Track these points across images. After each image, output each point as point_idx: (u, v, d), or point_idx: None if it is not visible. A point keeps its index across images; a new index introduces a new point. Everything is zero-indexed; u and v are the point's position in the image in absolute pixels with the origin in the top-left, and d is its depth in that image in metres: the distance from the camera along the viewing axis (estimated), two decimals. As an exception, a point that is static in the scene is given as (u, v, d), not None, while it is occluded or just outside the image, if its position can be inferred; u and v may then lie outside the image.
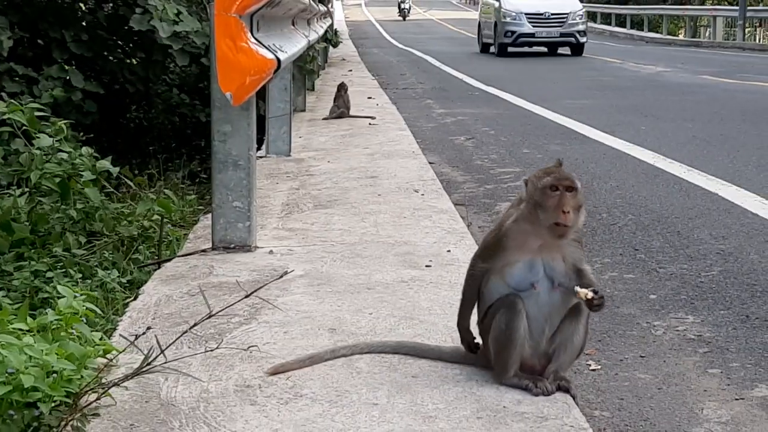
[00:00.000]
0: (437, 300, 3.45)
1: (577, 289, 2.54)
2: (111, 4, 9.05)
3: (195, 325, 2.60)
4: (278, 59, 4.04)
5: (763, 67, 19.52)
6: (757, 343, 3.38)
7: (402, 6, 52.47)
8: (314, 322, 3.19)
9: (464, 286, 2.75)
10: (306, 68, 9.87)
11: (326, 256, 4.11)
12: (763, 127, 9.34)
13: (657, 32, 39.74)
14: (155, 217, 5.21)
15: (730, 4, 42.19)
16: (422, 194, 5.55)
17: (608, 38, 37.97)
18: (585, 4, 48.61)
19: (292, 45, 5.52)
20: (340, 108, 9.59)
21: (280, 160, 6.83)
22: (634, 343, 3.44)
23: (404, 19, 50.47)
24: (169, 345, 2.65)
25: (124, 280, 4.53)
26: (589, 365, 3.23)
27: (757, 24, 36.94)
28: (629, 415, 2.86)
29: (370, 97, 12.07)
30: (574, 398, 2.59)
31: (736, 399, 2.93)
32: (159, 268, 4.10)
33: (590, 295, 2.51)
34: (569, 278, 2.60)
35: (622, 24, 42.47)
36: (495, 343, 2.63)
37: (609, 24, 43.68)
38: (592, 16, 47.28)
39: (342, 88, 9.67)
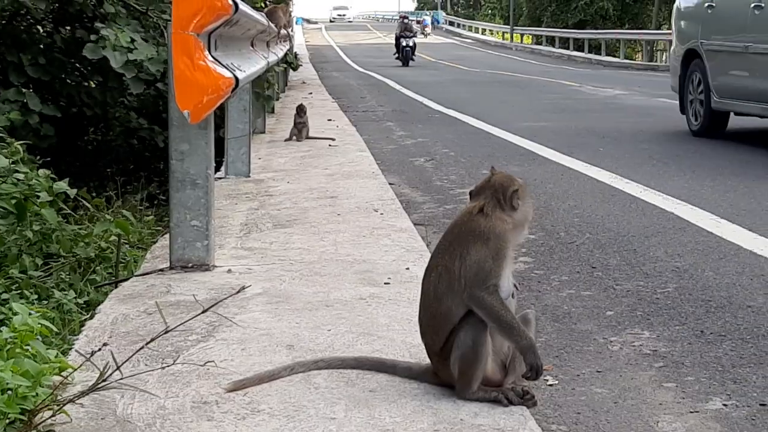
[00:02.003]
0: (396, 316, 3.46)
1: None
2: (68, 28, 9.03)
3: (152, 340, 2.59)
4: (236, 78, 4.04)
5: (718, 90, 19.76)
6: (712, 358, 3.42)
7: (404, 44, 33.62)
8: (272, 339, 3.19)
9: (498, 313, 2.59)
10: (263, 95, 9.88)
11: (285, 274, 4.11)
12: (718, 147, 9.47)
13: (614, 56, 40.23)
14: (112, 238, 5.19)
15: (686, 28, 42.69)
16: (382, 214, 5.57)
17: (566, 62, 38.34)
18: (543, 29, 49.45)
19: (250, 65, 5.54)
20: (300, 130, 9.61)
21: (240, 181, 6.83)
22: (591, 359, 3.46)
23: (407, 65, 32.88)
24: (125, 361, 2.63)
25: (81, 301, 4.51)
26: (547, 380, 3.25)
27: (713, 48, 37.34)
28: (586, 428, 2.87)
29: (330, 120, 12.10)
30: (532, 404, 2.63)
31: (691, 412, 2.96)
32: (116, 287, 4.08)
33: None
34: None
35: (580, 48, 42.94)
36: (461, 360, 2.63)
37: (567, 48, 44.16)
38: (550, 41, 47.89)
39: (302, 110, 9.69)
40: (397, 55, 34.61)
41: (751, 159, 8.57)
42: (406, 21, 35.45)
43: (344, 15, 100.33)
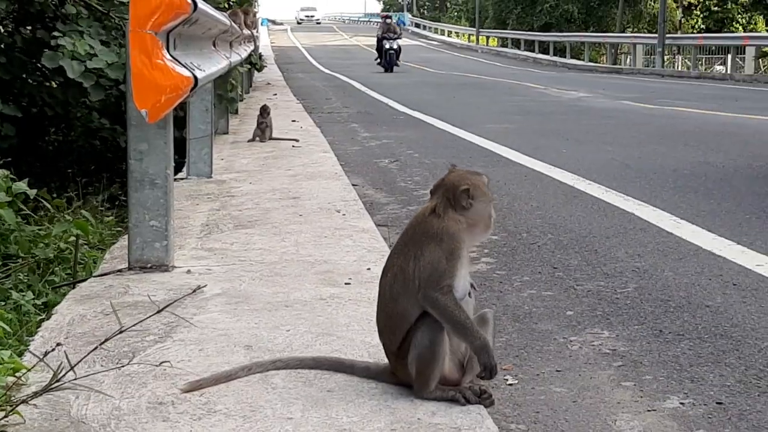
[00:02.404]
0: (356, 316, 3.45)
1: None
2: (29, 28, 8.93)
3: (106, 340, 2.56)
4: (195, 77, 4.02)
5: (680, 93, 19.97)
6: (669, 357, 3.44)
7: (387, 47, 29.62)
8: (230, 340, 3.17)
9: (452, 314, 2.57)
10: (226, 97, 9.83)
11: (245, 275, 4.09)
12: (680, 150, 9.54)
13: (579, 59, 40.50)
14: (72, 238, 5.14)
15: (650, 32, 43.21)
16: (344, 214, 5.55)
17: (532, 65, 38.51)
18: (509, 32, 49.64)
19: (211, 64, 5.51)
20: (263, 130, 9.58)
21: (201, 182, 6.79)
22: (551, 358, 3.47)
23: (391, 70, 29.08)
24: (79, 361, 2.60)
25: (39, 303, 4.46)
26: (507, 380, 3.25)
27: (675, 51, 37.88)
28: (544, 427, 2.88)
29: (294, 121, 12.07)
30: (489, 403, 2.63)
31: (648, 410, 2.97)
32: (74, 288, 4.03)
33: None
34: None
35: (545, 51, 43.17)
36: (418, 360, 2.62)
37: (532, 51, 44.38)
38: (515, 43, 48.09)
39: (265, 111, 9.66)
40: (378, 60, 30.27)
41: (711, 161, 8.64)
42: (389, 21, 31.56)
43: (312, 16, 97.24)
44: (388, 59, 29.57)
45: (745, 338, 3.60)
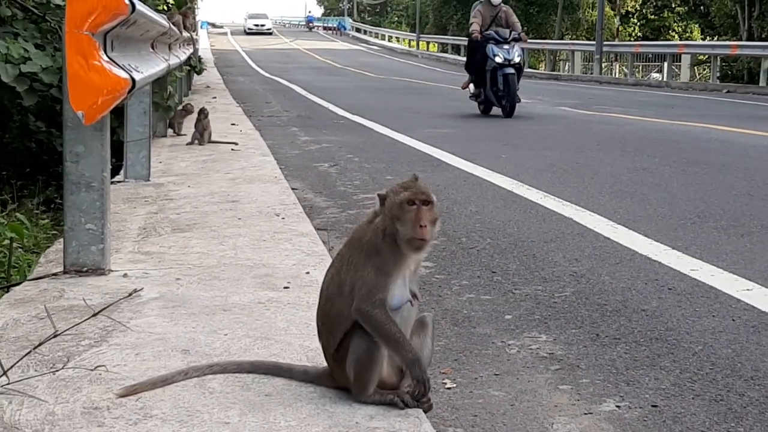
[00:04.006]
0: (294, 320, 3.44)
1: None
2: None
3: (40, 344, 2.52)
4: (133, 79, 3.97)
5: (617, 99, 20.24)
6: (606, 360, 3.47)
7: (498, 61, 14.24)
8: (167, 344, 3.14)
9: (383, 328, 2.53)
10: (163, 105, 9.73)
11: (182, 278, 4.05)
12: (617, 155, 9.66)
13: (518, 65, 40.73)
14: (6, 242, 5.06)
15: (588, 39, 43.73)
16: (283, 218, 5.53)
17: (472, 71, 38.73)
18: (449, 38, 49.87)
19: (149, 66, 5.45)
20: (202, 133, 9.50)
21: (139, 185, 6.71)
22: (489, 362, 3.48)
23: (509, 113, 14.30)
24: (12, 366, 2.56)
25: (-29, 307, 4.38)
26: (445, 384, 3.26)
27: (613, 58, 38.40)
28: (482, 431, 2.89)
29: (233, 124, 12.01)
30: (427, 407, 2.64)
31: (585, 414, 3.00)
32: (8, 292, 3.97)
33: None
34: (418, 288, 2.66)
35: (485, 57, 43.37)
36: (356, 363, 2.61)
37: (472, 57, 44.55)
38: (455, 49, 48.36)
39: (203, 113, 9.59)
40: (475, 92, 15.41)
41: (647, 167, 8.76)
42: (496, 3, 15.07)
43: (263, 25, 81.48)
44: (505, 89, 14.47)
45: (680, 342, 3.66)
